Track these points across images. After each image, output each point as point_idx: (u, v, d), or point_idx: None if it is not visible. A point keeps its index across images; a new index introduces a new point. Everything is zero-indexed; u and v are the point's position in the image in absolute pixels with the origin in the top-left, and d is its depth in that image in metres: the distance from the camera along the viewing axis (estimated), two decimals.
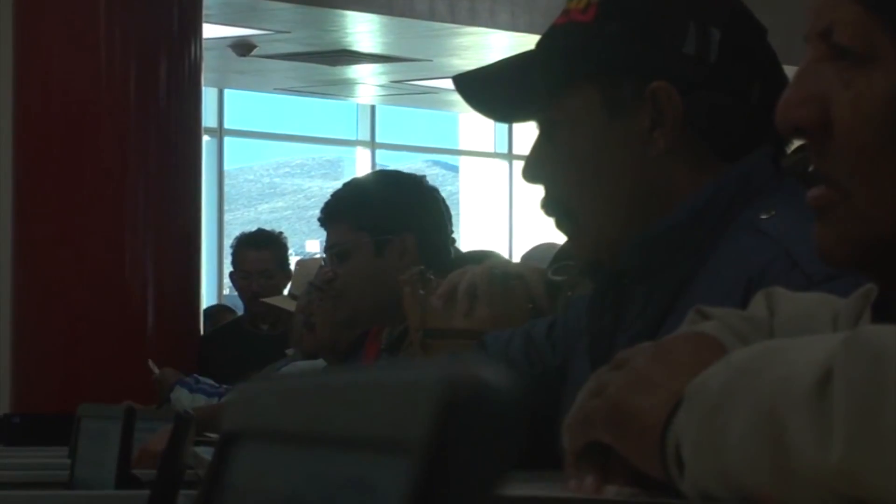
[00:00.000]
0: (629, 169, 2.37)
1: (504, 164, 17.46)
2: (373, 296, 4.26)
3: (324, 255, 4.64)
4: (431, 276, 3.10)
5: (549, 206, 2.43)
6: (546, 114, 2.42)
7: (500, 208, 17.52)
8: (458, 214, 14.19)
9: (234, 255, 7.64)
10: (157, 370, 6.24)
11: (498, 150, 17.49)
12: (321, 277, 4.78)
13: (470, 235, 16.52)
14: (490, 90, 2.48)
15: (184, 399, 5.83)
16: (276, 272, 7.28)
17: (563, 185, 2.41)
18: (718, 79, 2.35)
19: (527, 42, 2.55)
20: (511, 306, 2.88)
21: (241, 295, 7.62)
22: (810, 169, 1.69)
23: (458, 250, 4.53)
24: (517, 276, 2.94)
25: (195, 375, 6.16)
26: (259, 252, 7.45)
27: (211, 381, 6.07)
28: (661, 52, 2.34)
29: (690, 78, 2.34)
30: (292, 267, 7.38)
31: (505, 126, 15.64)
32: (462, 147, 17.91)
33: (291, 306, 5.93)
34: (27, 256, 7.61)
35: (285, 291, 6.88)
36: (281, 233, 7.75)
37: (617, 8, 2.36)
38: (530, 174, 2.44)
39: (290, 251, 7.64)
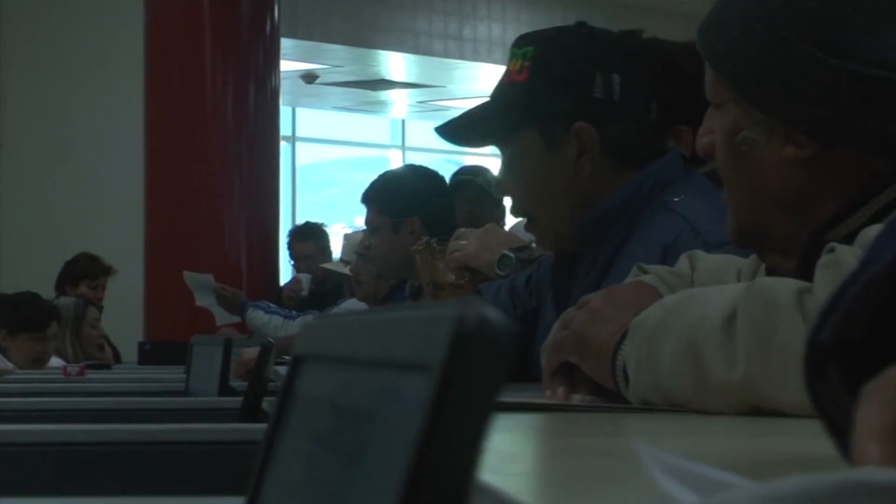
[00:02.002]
0: (567, 187, 2.40)
1: (497, 161, 17.48)
2: (392, 259, 4.35)
3: (365, 229, 4.71)
4: (435, 245, 3.19)
5: (516, 211, 2.48)
6: (503, 148, 2.46)
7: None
8: None
9: (287, 243, 7.63)
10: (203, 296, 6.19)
11: (493, 152, 17.49)
12: (362, 245, 4.85)
13: None
14: (461, 133, 2.51)
15: (261, 316, 5.81)
16: (318, 256, 7.24)
17: (522, 199, 2.46)
18: (623, 110, 2.38)
19: None
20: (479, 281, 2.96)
21: (294, 271, 7.63)
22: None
23: None
24: (477, 270, 3.05)
25: (265, 301, 6.14)
26: (304, 243, 7.43)
27: (278, 307, 6.06)
28: (577, 99, 2.37)
29: (602, 115, 2.37)
30: (334, 248, 7.36)
31: None
32: (467, 149, 17.92)
33: (343, 269, 5.92)
34: (157, 227, 7.65)
35: (337, 258, 6.84)
36: (323, 224, 7.73)
37: (543, 69, 2.37)
38: (499, 190, 2.49)
39: (343, 224, 7.63)
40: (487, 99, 2.47)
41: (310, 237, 7.45)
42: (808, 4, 1.54)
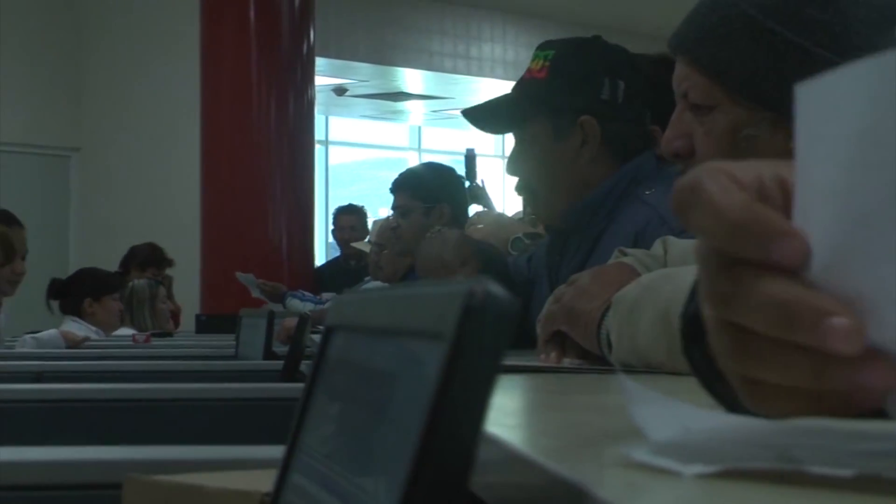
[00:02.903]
0: (568, 171, 2.39)
1: (500, 161, 17.50)
2: (419, 240, 4.31)
3: (392, 214, 4.68)
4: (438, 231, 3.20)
5: (520, 189, 2.46)
6: (517, 133, 2.44)
7: (497, 188, 17.52)
8: None
9: (333, 218, 7.68)
10: (255, 290, 6.19)
11: (496, 153, 17.48)
12: (382, 234, 4.82)
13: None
14: (484, 117, 2.49)
15: (297, 304, 5.81)
16: (359, 228, 7.29)
17: (530, 177, 2.44)
18: (623, 113, 2.37)
19: None
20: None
21: (337, 243, 7.66)
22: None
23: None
24: (494, 246, 3.06)
25: (301, 291, 6.15)
26: (348, 216, 7.49)
27: (312, 295, 6.07)
28: (587, 97, 2.37)
29: (605, 113, 2.37)
30: (369, 224, 7.37)
31: (500, 139, 15.58)
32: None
33: (367, 249, 5.92)
34: (211, 218, 7.67)
35: (366, 240, 6.84)
36: (363, 206, 7.77)
37: (560, 70, 2.37)
38: (510, 169, 2.47)
39: (369, 214, 7.67)
40: (509, 91, 2.46)
41: (354, 212, 7.55)
42: (818, 16, 1.52)
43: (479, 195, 4.99)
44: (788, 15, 1.53)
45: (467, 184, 4.73)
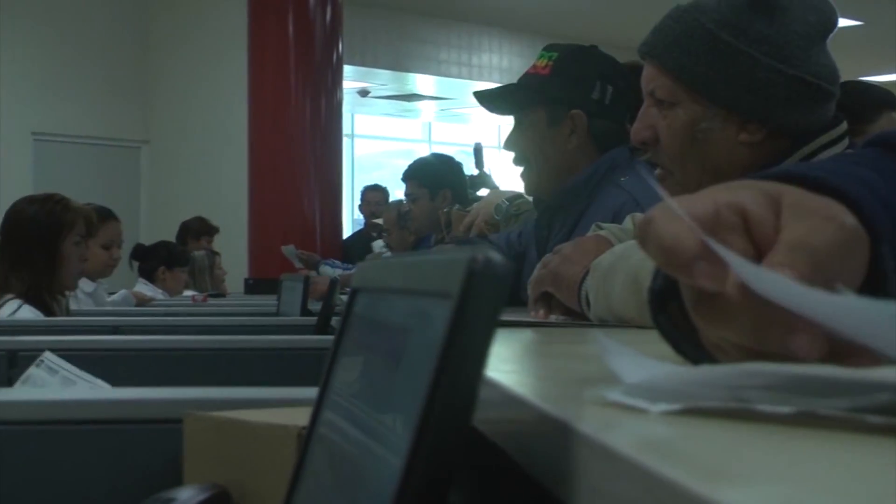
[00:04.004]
0: (557, 154, 2.39)
1: (498, 150, 17.46)
2: (428, 221, 4.34)
3: (404, 199, 4.68)
4: (456, 209, 3.21)
5: (517, 161, 2.45)
6: (517, 116, 2.43)
7: (499, 173, 17.42)
8: None
9: (361, 195, 7.74)
10: (296, 261, 6.19)
11: (497, 145, 17.46)
12: (400, 210, 4.81)
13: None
14: (493, 100, 2.47)
15: (328, 271, 5.82)
16: (383, 203, 7.31)
17: (525, 154, 2.42)
18: (609, 112, 2.36)
19: None
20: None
21: (363, 215, 7.70)
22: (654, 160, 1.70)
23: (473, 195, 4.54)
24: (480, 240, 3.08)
25: (332, 259, 6.17)
26: (374, 193, 7.56)
27: (340, 263, 6.09)
28: (580, 95, 2.36)
29: (594, 111, 2.36)
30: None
31: (499, 133, 15.54)
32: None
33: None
34: (257, 197, 7.68)
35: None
36: (386, 187, 7.80)
37: (561, 69, 2.37)
38: (506, 146, 2.46)
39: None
40: (515, 82, 2.45)
41: (379, 190, 7.65)
42: (765, 30, 1.53)
43: (487, 181, 4.99)
44: (740, 29, 1.54)
45: (476, 172, 4.72)
